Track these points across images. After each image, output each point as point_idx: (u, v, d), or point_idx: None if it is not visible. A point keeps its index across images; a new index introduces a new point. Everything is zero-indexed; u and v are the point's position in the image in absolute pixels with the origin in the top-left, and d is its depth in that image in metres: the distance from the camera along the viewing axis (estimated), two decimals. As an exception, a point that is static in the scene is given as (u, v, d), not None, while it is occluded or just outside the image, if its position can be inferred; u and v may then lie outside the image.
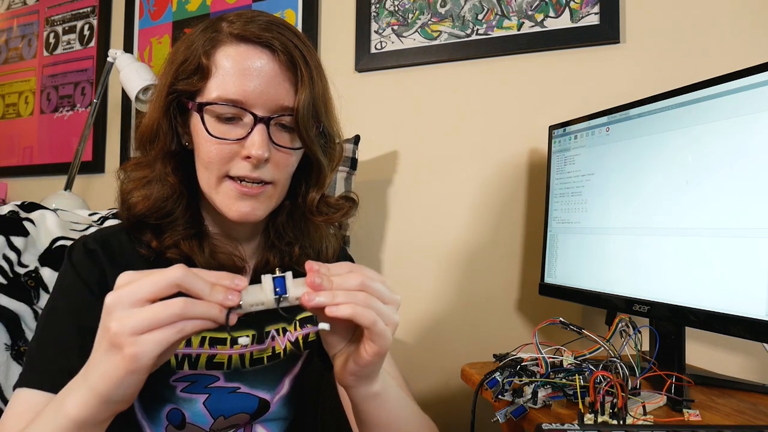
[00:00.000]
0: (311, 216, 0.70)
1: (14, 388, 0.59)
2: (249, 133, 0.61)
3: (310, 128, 0.63)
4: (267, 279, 0.47)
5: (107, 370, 0.43)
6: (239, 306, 0.45)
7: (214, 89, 0.61)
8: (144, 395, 0.67)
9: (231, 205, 0.63)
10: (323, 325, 0.48)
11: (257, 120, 0.61)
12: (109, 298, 0.43)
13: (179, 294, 0.43)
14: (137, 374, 0.43)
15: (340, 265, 0.50)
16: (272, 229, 0.72)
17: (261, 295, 0.46)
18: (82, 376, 0.46)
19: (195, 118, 0.63)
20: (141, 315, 0.42)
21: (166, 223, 0.65)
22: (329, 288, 0.47)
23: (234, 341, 0.68)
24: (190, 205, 0.67)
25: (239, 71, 0.60)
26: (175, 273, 0.43)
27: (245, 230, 0.72)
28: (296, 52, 0.62)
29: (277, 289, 0.46)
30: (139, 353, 0.41)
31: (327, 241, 0.75)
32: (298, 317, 0.75)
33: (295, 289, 0.47)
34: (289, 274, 0.47)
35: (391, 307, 0.50)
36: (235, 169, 0.62)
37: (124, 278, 0.44)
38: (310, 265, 0.48)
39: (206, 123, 0.61)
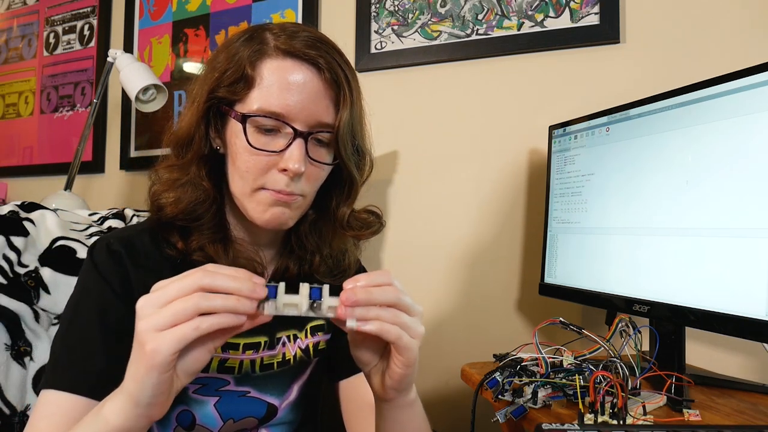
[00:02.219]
0: (342, 230, 0.72)
1: (39, 388, 0.59)
2: (288, 146, 0.61)
3: (347, 145, 0.64)
4: (304, 286, 0.48)
5: (134, 370, 0.45)
6: (267, 302, 0.46)
7: (256, 100, 0.61)
8: None
9: (264, 212, 0.64)
10: (351, 323, 0.48)
11: (297, 134, 0.61)
12: (140, 302, 0.45)
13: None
14: (157, 371, 0.43)
15: (380, 274, 0.50)
16: (294, 237, 0.73)
17: (296, 298, 0.47)
18: (121, 384, 0.48)
19: (233, 125, 0.64)
20: (161, 312, 0.43)
21: (194, 226, 0.66)
22: (364, 302, 0.48)
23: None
24: (219, 210, 0.68)
25: (283, 85, 0.61)
26: (196, 275, 0.44)
27: (268, 236, 0.73)
28: (340, 72, 0.63)
29: (312, 294, 0.47)
30: (156, 348, 0.42)
31: (348, 252, 0.76)
32: (309, 325, 0.75)
33: (330, 299, 0.48)
34: (325, 287, 0.48)
35: (416, 318, 0.51)
36: (272, 182, 0.63)
37: (156, 285, 0.46)
38: (347, 283, 0.49)
39: (247, 133, 0.61)
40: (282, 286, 0.48)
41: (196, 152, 0.66)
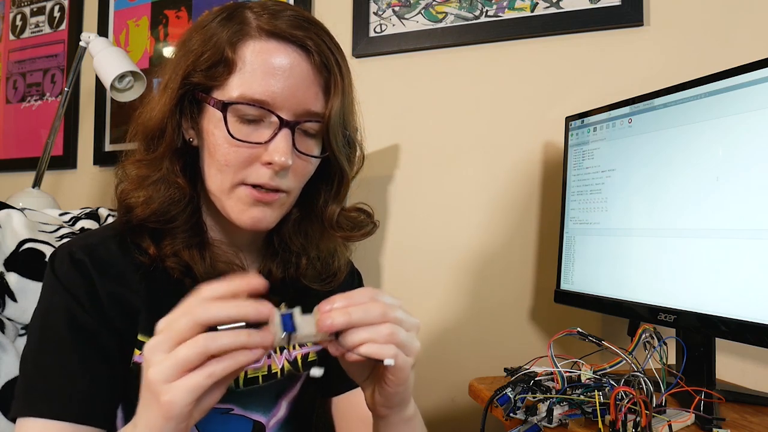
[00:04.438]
0: (331, 230, 0.71)
1: (13, 415, 0.60)
2: (273, 137, 0.61)
3: (338, 137, 0.64)
4: (276, 313, 0.48)
5: (150, 419, 0.45)
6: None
7: (237, 87, 0.61)
8: (130, 413, 0.67)
9: (244, 211, 0.64)
10: (315, 371, 0.50)
11: (282, 124, 0.61)
12: (146, 348, 0.45)
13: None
14: (176, 422, 0.44)
15: (360, 292, 0.51)
16: (276, 238, 0.73)
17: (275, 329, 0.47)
18: (131, 425, 0.49)
19: (210, 114, 0.63)
20: (170, 360, 0.43)
21: (167, 229, 0.65)
22: (348, 323, 0.48)
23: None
24: (195, 210, 0.68)
25: (267, 70, 0.60)
26: (194, 311, 0.44)
27: (248, 237, 0.72)
28: (330, 55, 0.63)
29: (285, 324, 0.47)
30: (172, 400, 0.43)
31: (337, 254, 0.75)
32: None
33: (306, 326, 0.48)
34: (296, 310, 0.48)
35: (412, 334, 0.51)
36: (254, 176, 0.62)
37: (160, 324, 0.46)
38: (323, 305, 0.49)
39: (228, 123, 0.61)
40: (298, 311, 0.48)
41: (169, 145, 0.65)
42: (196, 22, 0.67)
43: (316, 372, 0.49)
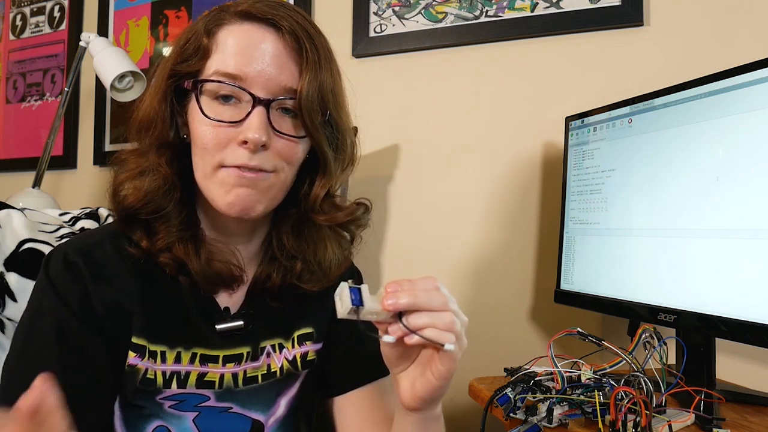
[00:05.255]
0: (314, 214, 0.70)
1: None
2: (247, 115, 0.61)
3: (314, 114, 0.63)
4: (343, 287, 0.50)
5: None
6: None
7: (212, 67, 0.62)
8: (128, 412, 0.67)
9: (227, 193, 0.63)
10: (388, 338, 0.51)
11: (256, 101, 0.61)
12: None
13: None
14: None
15: (424, 279, 0.52)
16: (275, 240, 0.72)
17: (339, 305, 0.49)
18: None
19: (193, 102, 0.64)
20: None
21: (159, 221, 0.66)
22: (412, 304, 0.50)
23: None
24: (185, 203, 0.67)
25: (240, 49, 0.62)
26: None
27: (242, 232, 0.72)
28: (304, 33, 0.63)
29: (353, 298, 0.49)
30: None
31: (334, 258, 0.74)
32: (296, 333, 0.75)
33: (373, 303, 0.50)
34: (364, 287, 0.50)
35: (463, 330, 0.53)
36: (232, 158, 0.62)
37: None
38: (389, 286, 0.50)
39: (202, 102, 0.62)
40: (365, 287, 0.50)
41: (158, 137, 0.65)
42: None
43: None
